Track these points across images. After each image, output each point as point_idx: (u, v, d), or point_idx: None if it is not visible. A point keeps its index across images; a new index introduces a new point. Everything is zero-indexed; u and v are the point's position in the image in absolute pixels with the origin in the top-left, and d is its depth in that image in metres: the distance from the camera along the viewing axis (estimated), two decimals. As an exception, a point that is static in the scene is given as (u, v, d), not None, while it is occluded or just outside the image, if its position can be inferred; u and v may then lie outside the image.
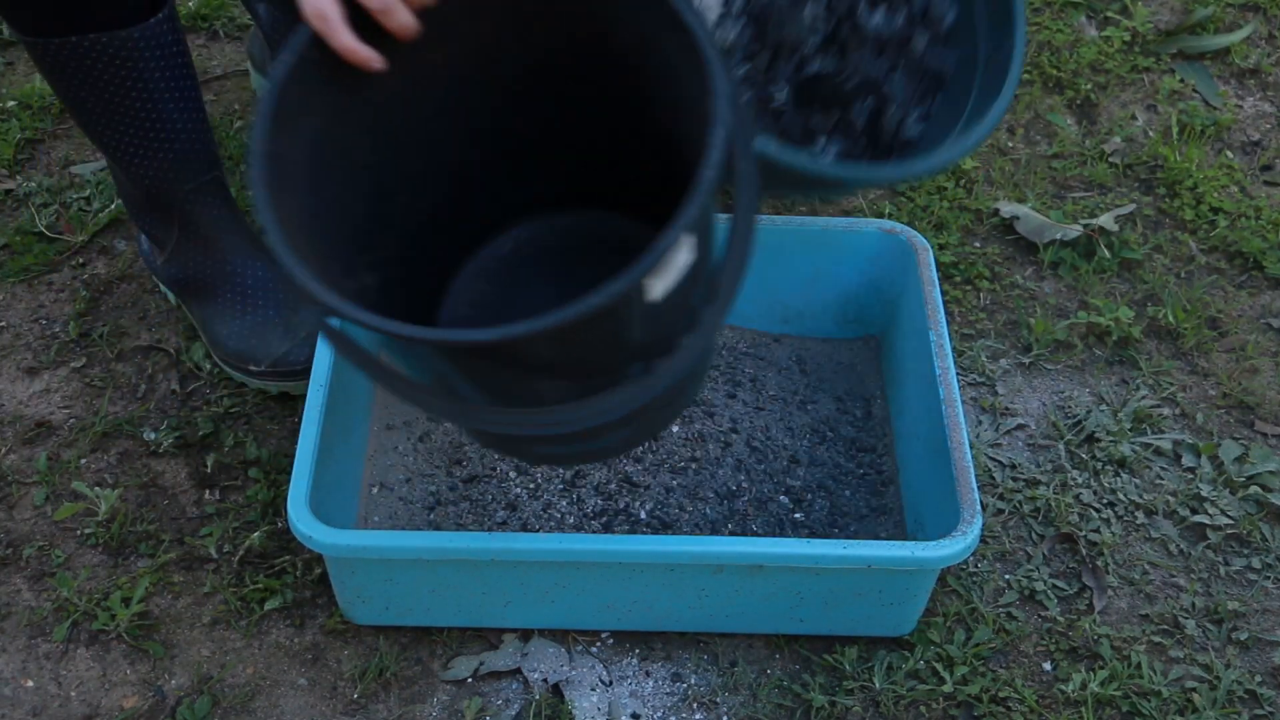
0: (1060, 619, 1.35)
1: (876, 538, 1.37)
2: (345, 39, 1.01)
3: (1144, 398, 1.53)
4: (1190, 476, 1.46)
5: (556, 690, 1.28)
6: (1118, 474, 1.46)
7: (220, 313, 1.48)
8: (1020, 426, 1.51)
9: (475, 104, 1.17)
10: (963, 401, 1.51)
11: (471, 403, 1.01)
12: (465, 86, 1.15)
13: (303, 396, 1.38)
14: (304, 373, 1.44)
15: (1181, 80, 1.93)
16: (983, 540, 1.40)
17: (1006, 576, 1.38)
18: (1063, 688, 1.29)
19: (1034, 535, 1.41)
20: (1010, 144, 1.84)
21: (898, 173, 1.23)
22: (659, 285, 0.94)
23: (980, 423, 1.51)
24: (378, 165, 1.13)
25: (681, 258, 0.95)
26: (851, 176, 1.21)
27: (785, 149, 1.15)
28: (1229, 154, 1.84)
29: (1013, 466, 1.47)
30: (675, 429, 1.43)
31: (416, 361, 1.05)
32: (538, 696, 1.27)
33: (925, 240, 1.46)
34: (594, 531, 1.35)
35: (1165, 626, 1.35)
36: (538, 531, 1.34)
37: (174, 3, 1.35)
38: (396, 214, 1.15)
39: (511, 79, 1.17)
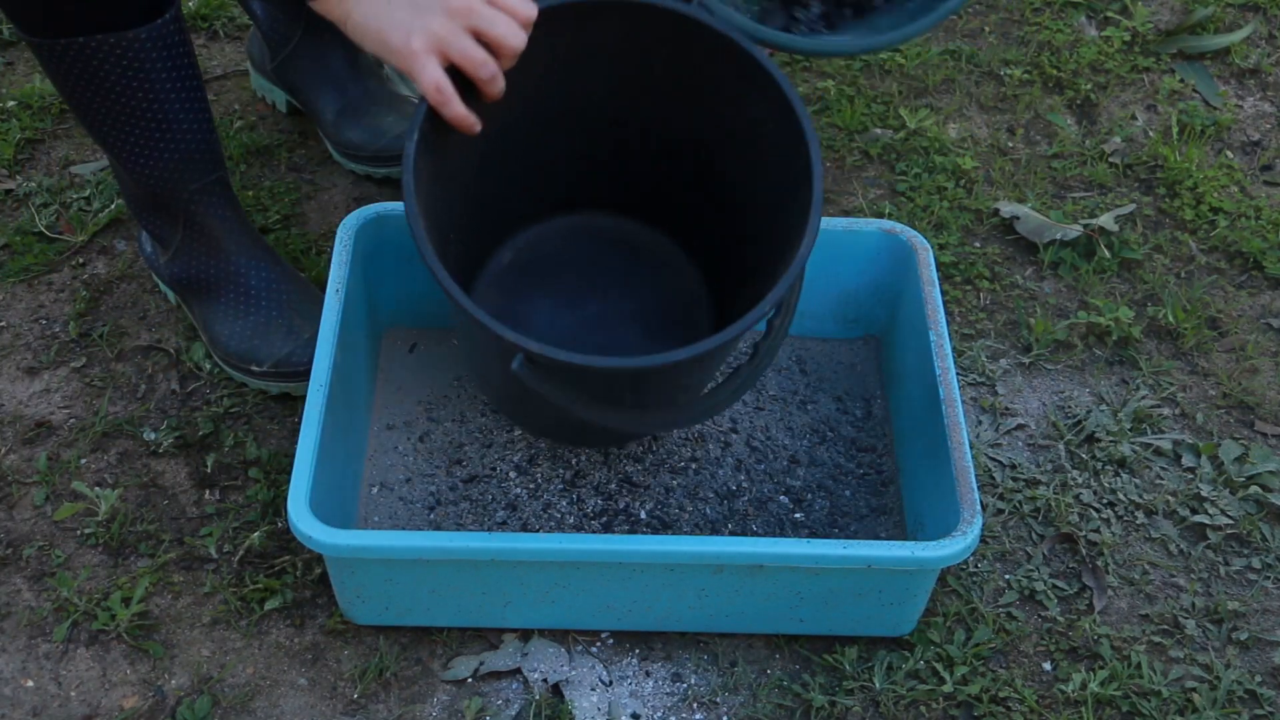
0: (1060, 619, 1.35)
1: (876, 538, 1.37)
2: (459, 108, 1.13)
3: (1144, 398, 1.53)
4: (1190, 476, 1.46)
5: (556, 690, 1.28)
6: (1118, 474, 1.46)
7: (222, 313, 1.48)
8: (1020, 426, 1.51)
9: (510, 146, 1.28)
10: (963, 401, 1.51)
11: (638, 411, 1.18)
12: (507, 130, 1.24)
13: (303, 396, 1.38)
14: (306, 374, 1.44)
15: (1181, 80, 1.93)
16: (983, 540, 1.39)
17: (1006, 576, 1.38)
18: (1063, 688, 1.29)
19: (1034, 535, 1.41)
20: (1010, 144, 1.84)
21: (860, 44, 1.23)
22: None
23: (980, 423, 1.51)
24: (446, 216, 1.23)
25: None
26: (816, 48, 1.24)
27: (761, 28, 1.22)
28: (1229, 154, 1.84)
29: (1013, 466, 1.47)
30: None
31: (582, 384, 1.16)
32: (538, 696, 1.27)
33: (925, 240, 1.46)
34: (594, 531, 1.35)
35: (1165, 626, 1.35)
36: (538, 531, 1.34)
37: (180, 3, 1.35)
38: (450, 254, 1.25)
39: (549, 117, 1.30)
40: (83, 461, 1.44)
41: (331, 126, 1.70)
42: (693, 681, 1.29)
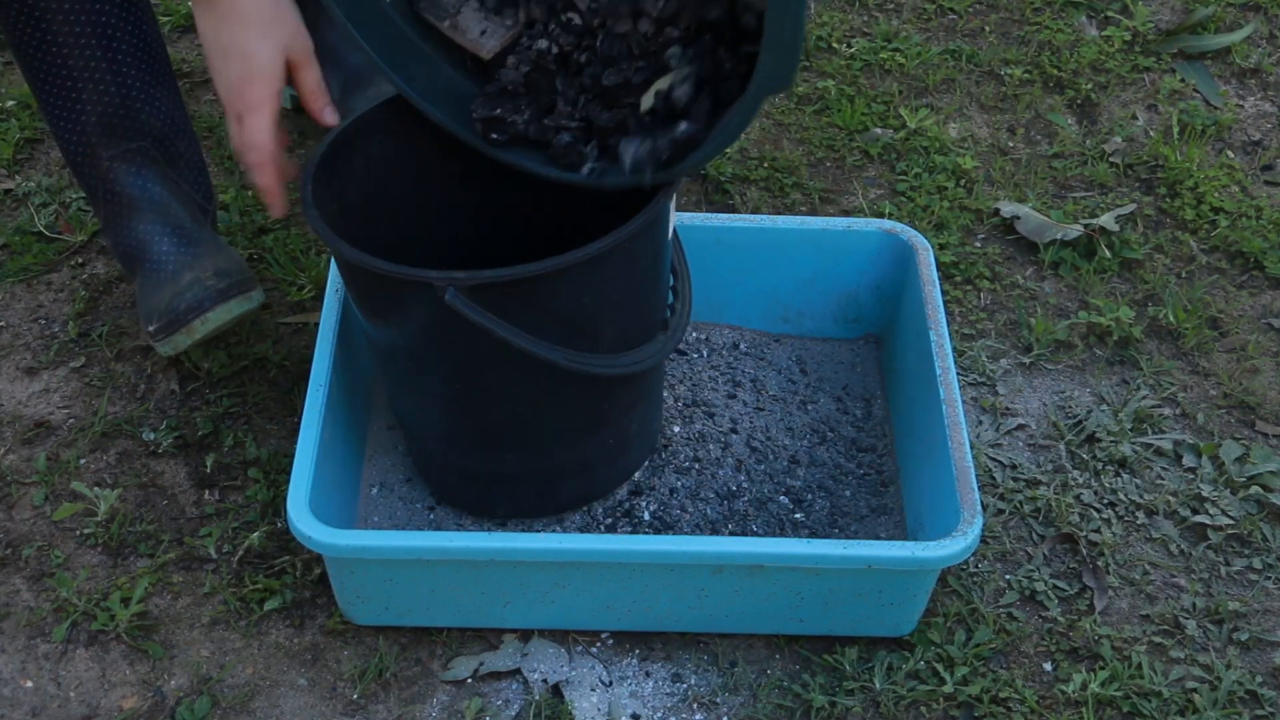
0: (1061, 619, 1.34)
1: (876, 538, 1.37)
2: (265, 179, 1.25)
3: (1145, 398, 1.53)
4: (1191, 477, 1.46)
5: (556, 690, 1.28)
6: (1118, 474, 1.46)
7: (140, 288, 1.44)
8: (1020, 426, 1.51)
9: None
10: (963, 401, 1.51)
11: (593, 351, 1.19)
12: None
13: (300, 394, 1.38)
14: (177, 323, 1.38)
15: (1182, 80, 1.93)
16: (983, 540, 1.39)
17: (1007, 577, 1.38)
18: (1063, 688, 1.29)
19: (1034, 535, 1.41)
20: (1010, 144, 1.84)
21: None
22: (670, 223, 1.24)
23: (980, 423, 1.51)
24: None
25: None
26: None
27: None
28: (1229, 154, 1.83)
29: (1013, 466, 1.46)
30: (676, 428, 1.43)
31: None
32: (538, 697, 1.27)
33: (925, 240, 1.46)
34: (599, 532, 1.35)
35: (1166, 627, 1.34)
36: (539, 531, 1.34)
37: None
38: None
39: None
40: (82, 461, 1.44)
41: (339, 104, 1.69)
42: (693, 682, 1.29)
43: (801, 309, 1.53)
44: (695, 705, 1.27)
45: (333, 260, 1.39)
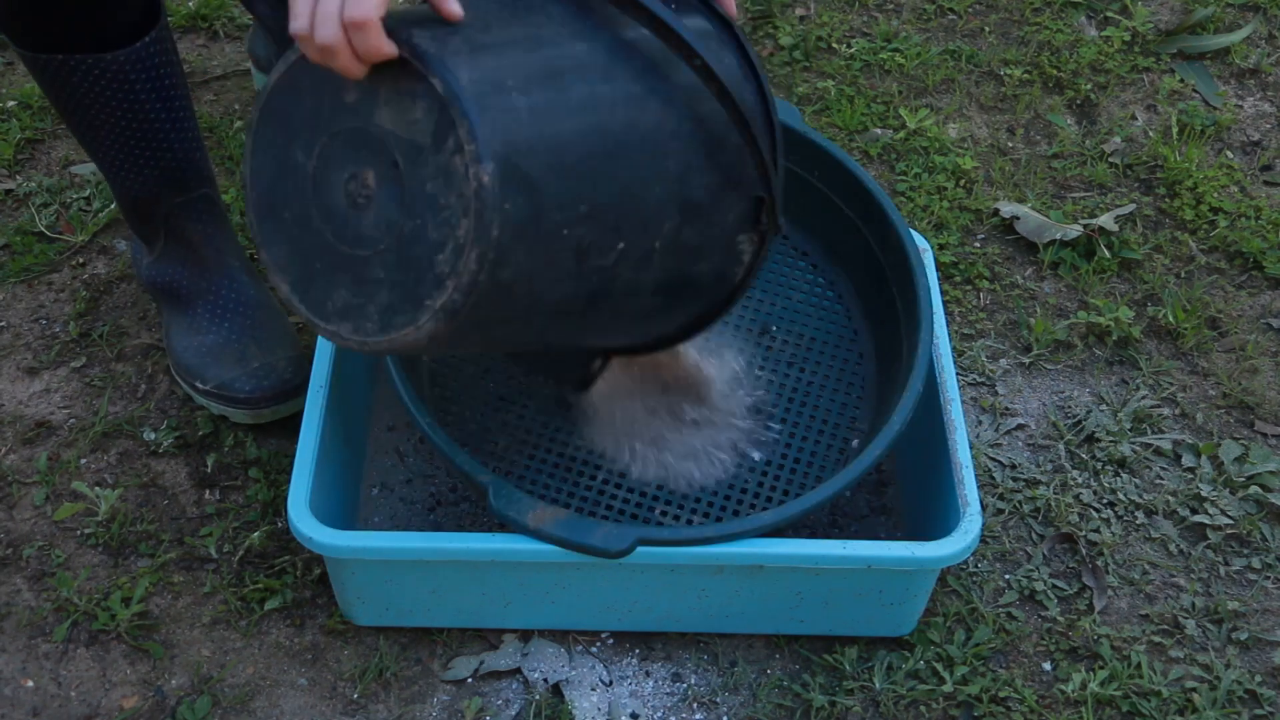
0: (1060, 619, 1.35)
1: (876, 538, 1.37)
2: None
3: (1144, 398, 1.53)
4: (1190, 476, 1.46)
5: (556, 690, 1.28)
6: (1118, 474, 1.46)
7: (186, 324, 1.47)
8: (1020, 426, 1.51)
9: None
10: (963, 401, 1.51)
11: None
12: None
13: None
14: (243, 402, 1.43)
15: (1181, 80, 1.93)
16: (983, 540, 1.40)
17: (1006, 576, 1.38)
18: (1063, 688, 1.29)
19: (1034, 535, 1.41)
20: (1010, 144, 1.84)
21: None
22: None
23: (980, 423, 1.51)
24: None
25: None
26: None
27: None
28: (1229, 154, 1.84)
29: (1013, 466, 1.47)
30: (675, 429, 1.43)
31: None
32: (538, 696, 1.27)
33: (925, 240, 1.46)
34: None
35: (1165, 626, 1.35)
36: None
37: (164, 25, 1.34)
38: None
39: None
40: (83, 461, 1.44)
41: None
42: (693, 681, 1.29)
43: (801, 309, 1.53)
44: (695, 705, 1.27)
45: None
